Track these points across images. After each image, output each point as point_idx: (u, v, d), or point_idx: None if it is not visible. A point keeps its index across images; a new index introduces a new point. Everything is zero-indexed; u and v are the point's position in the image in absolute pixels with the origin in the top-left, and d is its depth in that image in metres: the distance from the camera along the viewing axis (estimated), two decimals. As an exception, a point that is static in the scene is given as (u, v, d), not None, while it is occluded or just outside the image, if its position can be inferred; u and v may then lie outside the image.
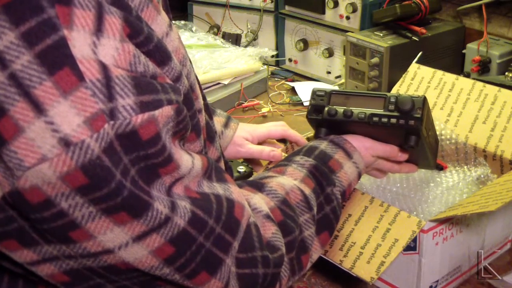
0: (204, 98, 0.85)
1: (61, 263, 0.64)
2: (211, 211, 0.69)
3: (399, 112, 0.95)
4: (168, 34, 0.71)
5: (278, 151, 1.13)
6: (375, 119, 0.95)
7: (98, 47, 0.58)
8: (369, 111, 0.96)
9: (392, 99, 0.96)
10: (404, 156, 1.02)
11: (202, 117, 0.80)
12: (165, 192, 0.64)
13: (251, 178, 0.97)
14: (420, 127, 0.94)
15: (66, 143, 0.56)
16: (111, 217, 0.60)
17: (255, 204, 0.81)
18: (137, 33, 0.63)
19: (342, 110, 0.97)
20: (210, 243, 0.68)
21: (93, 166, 0.57)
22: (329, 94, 1.01)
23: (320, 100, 1.01)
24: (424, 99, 0.95)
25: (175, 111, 0.63)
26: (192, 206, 0.67)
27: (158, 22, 0.69)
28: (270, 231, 0.79)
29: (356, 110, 0.97)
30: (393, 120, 0.95)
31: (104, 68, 0.58)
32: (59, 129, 0.56)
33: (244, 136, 1.15)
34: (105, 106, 0.58)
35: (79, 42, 0.57)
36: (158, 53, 0.66)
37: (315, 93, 1.01)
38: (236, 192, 0.76)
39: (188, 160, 0.68)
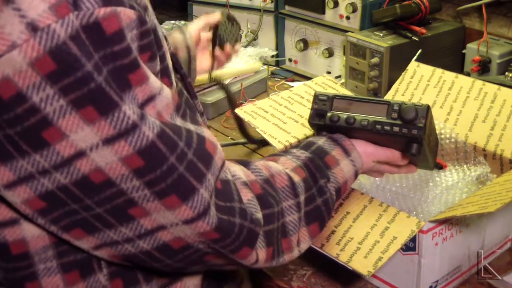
0: (186, 76, 0.87)
1: (36, 184, 0.66)
2: (181, 136, 0.71)
3: (402, 120, 0.94)
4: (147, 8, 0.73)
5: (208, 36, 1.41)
6: (378, 127, 0.95)
7: None
8: (372, 118, 0.96)
9: (396, 107, 0.95)
10: (404, 161, 1.02)
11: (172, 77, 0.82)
12: (136, 104, 0.66)
13: None
14: (422, 137, 0.94)
15: (33, 28, 0.60)
16: (80, 112, 0.63)
17: (235, 171, 0.83)
18: None
19: (344, 117, 0.97)
20: (183, 167, 0.70)
21: (60, 51, 0.60)
22: (332, 98, 1.00)
23: (322, 104, 1.00)
24: (428, 108, 0.95)
25: (138, 18, 0.66)
26: (162, 125, 0.69)
27: None
28: (246, 197, 0.80)
29: (358, 117, 0.96)
30: (396, 129, 0.95)
31: None
32: (26, 15, 0.60)
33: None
34: None
35: None
36: None
37: (317, 97, 1.01)
38: (208, 133, 0.77)
39: (156, 81, 0.70)
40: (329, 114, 0.99)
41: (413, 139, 0.95)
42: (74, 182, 0.67)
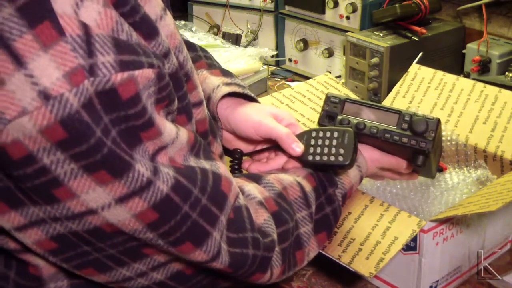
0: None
1: (47, 227, 0.65)
2: (195, 181, 0.69)
3: (412, 132, 0.95)
4: (163, 17, 0.72)
5: (301, 149, 0.94)
6: (387, 135, 0.95)
7: (81, 8, 0.59)
8: (381, 126, 0.96)
9: (407, 117, 0.96)
10: (408, 170, 1.02)
11: (202, 109, 0.80)
12: (148, 158, 0.65)
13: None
14: (430, 150, 0.94)
15: (45, 96, 0.57)
16: (93, 175, 0.61)
17: (249, 191, 0.81)
18: (123, 2, 0.63)
19: (355, 122, 0.97)
20: (196, 214, 0.69)
21: (72, 120, 0.58)
22: (343, 101, 1.00)
23: (333, 107, 1.00)
24: (438, 122, 0.95)
25: (157, 75, 0.64)
26: (176, 174, 0.67)
27: (152, 3, 0.70)
28: (262, 217, 0.79)
29: (368, 123, 0.97)
30: (405, 140, 0.95)
31: (84, 26, 0.59)
32: (39, 82, 0.57)
33: (268, 112, 0.98)
34: (85, 62, 0.58)
35: None
36: (145, 26, 0.66)
37: (329, 99, 1.01)
38: (223, 168, 0.76)
39: (172, 129, 0.68)
40: (339, 117, 0.99)
41: (420, 152, 0.95)
42: (85, 230, 0.65)
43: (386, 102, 1.33)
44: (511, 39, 1.65)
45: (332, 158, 0.90)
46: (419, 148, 0.94)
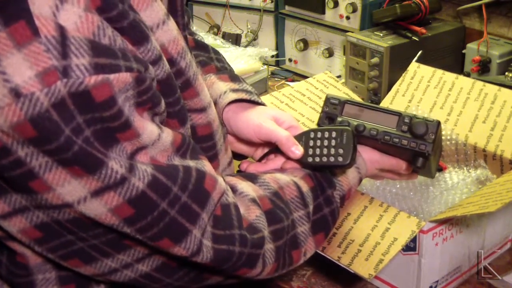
0: None
1: (31, 215, 0.66)
2: (176, 179, 0.70)
3: (412, 134, 0.94)
4: (165, 23, 0.72)
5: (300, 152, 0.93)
6: (387, 137, 0.95)
7: (60, 11, 0.60)
8: (381, 128, 0.96)
9: (407, 120, 0.95)
10: (408, 171, 1.02)
11: (205, 115, 0.80)
12: (125, 157, 0.65)
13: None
14: (430, 152, 0.94)
15: (16, 93, 0.58)
16: (67, 169, 0.62)
17: (242, 188, 0.82)
18: (108, 7, 0.64)
19: (355, 124, 0.97)
20: (175, 211, 0.69)
21: (42, 119, 0.59)
22: (343, 103, 1.00)
23: (333, 108, 1.00)
24: (438, 124, 0.95)
25: (135, 79, 0.64)
26: (154, 171, 0.68)
27: (154, 8, 0.71)
28: (254, 214, 0.79)
29: (368, 125, 0.96)
30: (404, 142, 0.95)
31: (61, 28, 0.60)
32: (11, 79, 0.58)
33: (269, 114, 0.97)
34: (58, 63, 0.59)
35: (39, 0, 0.59)
36: (133, 32, 0.67)
37: (329, 100, 1.01)
38: (209, 167, 0.76)
39: (153, 131, 0.69)
40: (339, 119, 0.99)
41: (420, 154, 0.95)
42: (66, 220, 0.66)
43: (386, 101, 1.33)
44: (511, 39, 1.65)
45: (332, 159, 0.90)
46: (419, 150, 0.94)
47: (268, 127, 0.93)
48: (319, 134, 0.93)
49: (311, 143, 0.93)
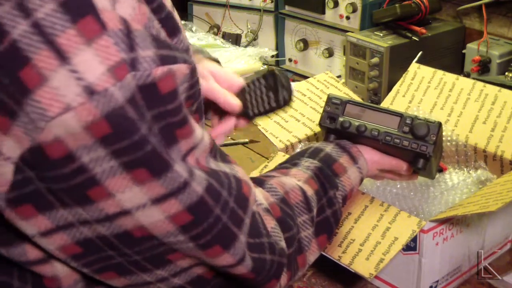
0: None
1: (74, 231, 0.63)
2: (223, 184, 0.69)
3: (413, 135, 0.94)
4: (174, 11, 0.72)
5: (237, 104, 0.92)
6: (388, 138, 0.95)
7: (116, 3, 0.59)
8: (383, 129, 0.96)
9: (408, 121, 0.96)
10: (408, 171, 1.02)
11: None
12: (181, 159, 0.64)
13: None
14: (431, 154, 0.94)
15: (90, 91, 0.56)
16: (131, 173, 0.59)
17: (256, 197, 0.81)
18: None
19: (356, 124, 0.97)
20: (226, 217, 0.68)
21: (117, 115, 0.57)
22: (345, 103, 1.00)
23: (335, 108, 1.00)
24: (440, 126, 0.95)
25: (190, 71, 0.63)
26: (206, 175, 0.66)
27: (168, 1, 0.70)
28: (270, 225, 0.79)
29: (370, 125, 0.96)
30: (406, 143, 0.95)
31: (124, 21, 0.58)
32: (83, 77, 0.56)
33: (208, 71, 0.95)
34: (127, 56, 0.57)
35: None
36: (169, 23, 0.66)
37: (330, 100, 1.01)
38: (241, 172, 0.75)
39: (199, 129, 0.67)
40: (341, 119, 0.99)
41: (421, 155, 0.95)
42: (115, 235, 0.64)
43: (386, 102, 1.33)
44: (511, 39, 1.65)
45: (273, 104, 0.92)
46: (420, 151, 0.94)
47: (203, 85, 0.89)
48: (251, 86, 0.93)
49: (248, 97, 0.93)
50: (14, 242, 0.66)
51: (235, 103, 0.92)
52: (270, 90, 0.92)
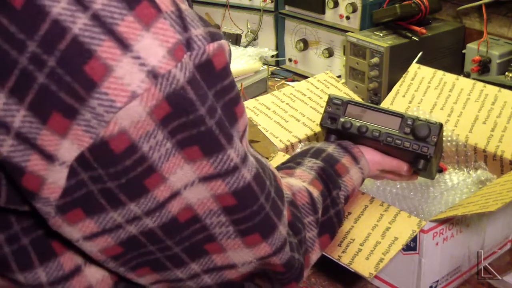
0: None
1: (120, 232, 0.63)
2: (266, 173, 0.69)
3: (414, 136, 0.95)
4: None
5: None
6: (389, 139, 0.95)
7: None
8: (384, 129, 0.96)
9: (409, 122, 0.96)
10: (409, 172, 1.02)
11: None
12: (239, 138, 0.64)
13: None
14: (432, 155, 0.94)
15: (154, 75, 0.56)
16: (184, 151, 0.60)
17: None
18: None
19: (357, 125, 0.97)
20: (269, 206, 0.68)
21: (177, 95, 0.57)
22: (346, 103, 1.00)
23: (336, 108, 1.00)
24: (441, 127, 0.95)
25: (229, 47, 0.64)
26: (257, 164, 0.67)
27: None
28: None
29: (371, 126, 0.97)
30: (407, 144, 0.95)
31: (174, 2, 0.59)
32: (146, 63, 0.56)
33: None
34: (182, 37, 0.58)
35: None
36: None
37: (331, 100, 1.01)
38: (271, 165, 0.76)
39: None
40: (342, 119, 0.99)
41: (422, 156, 0.95)
42: (161, 225, 0.64)
43: (386, 102, 1.33)
44: (511, 39, 1.65)
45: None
46: (421, 152, 0.94)
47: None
48: None
49: None
50: (52, 257, 0.65)
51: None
52: None
